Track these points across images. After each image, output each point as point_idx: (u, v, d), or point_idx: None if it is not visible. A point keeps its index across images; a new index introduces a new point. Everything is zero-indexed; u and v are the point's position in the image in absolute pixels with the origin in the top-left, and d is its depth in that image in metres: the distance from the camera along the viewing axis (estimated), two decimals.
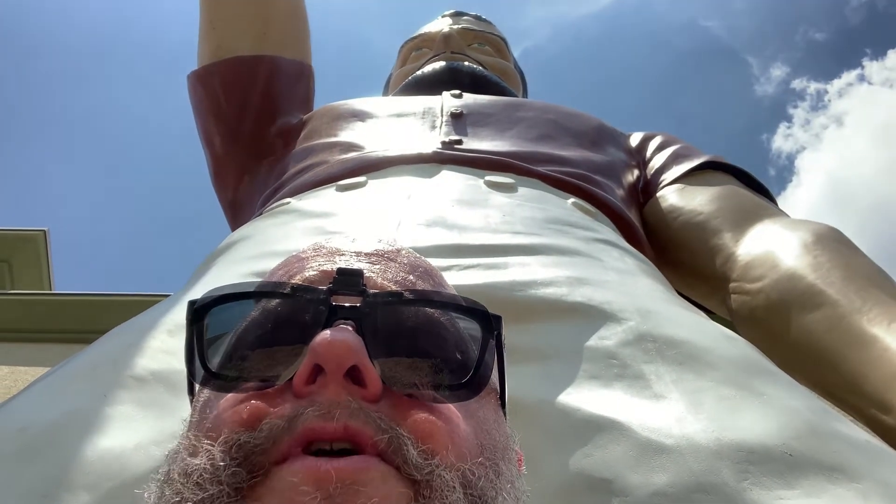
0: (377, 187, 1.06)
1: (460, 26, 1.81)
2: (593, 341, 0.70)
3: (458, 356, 0.44)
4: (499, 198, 1.01)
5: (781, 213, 1.22)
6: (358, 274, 0.45)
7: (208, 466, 0.37)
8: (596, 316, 0.73)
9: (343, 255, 0.50)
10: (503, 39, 1.88)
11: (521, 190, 1.06)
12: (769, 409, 0.60)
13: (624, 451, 0.56)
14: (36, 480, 0.54)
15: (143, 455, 0.56)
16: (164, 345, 0.70)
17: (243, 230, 1.05)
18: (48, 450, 0.57)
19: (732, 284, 1.12)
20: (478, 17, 1.93)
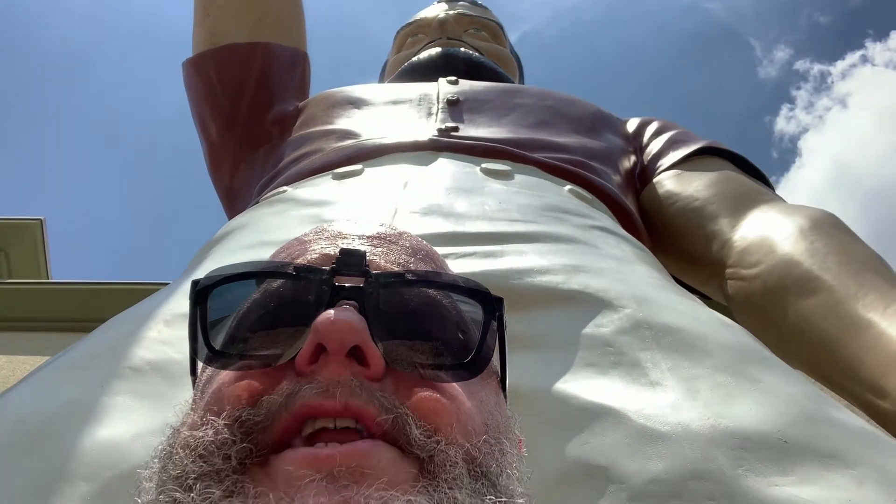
0: (373, 175, 1.05)
1: (456, 12, 1.80)
2: (590, 329, 0.70)
3: (460, 336, 0.44)
4: (495, 185, 1.01)
5: (778, 199, 1.21)
6: (360, 255, 0.45)
7: (212, 439, 0.37)
8: (592, 303, 0.73)
9: (345, 238, 0.50)
10: (499, 25, 1.87)
11: (518, 177, 1.06)
12: (764, 395, 0.61)
13: (620, 439, 0.56)
14: (35, 471, 0.54)
15: (141, 445, 0.56)
16: (162, 335, 0.70)
17: (240, 219, 1.05)
18: (46, 441, 0.57)
19: (729, 270, 1.12)
20: (473, 3, 1.92)
